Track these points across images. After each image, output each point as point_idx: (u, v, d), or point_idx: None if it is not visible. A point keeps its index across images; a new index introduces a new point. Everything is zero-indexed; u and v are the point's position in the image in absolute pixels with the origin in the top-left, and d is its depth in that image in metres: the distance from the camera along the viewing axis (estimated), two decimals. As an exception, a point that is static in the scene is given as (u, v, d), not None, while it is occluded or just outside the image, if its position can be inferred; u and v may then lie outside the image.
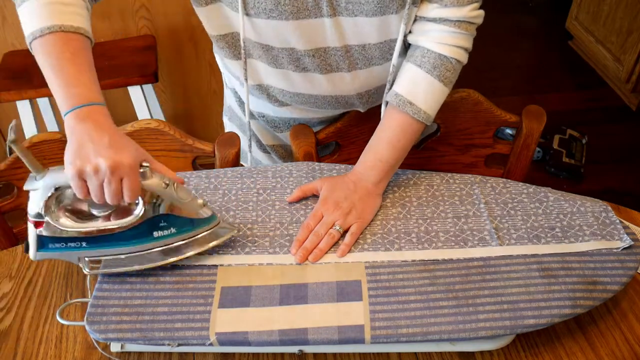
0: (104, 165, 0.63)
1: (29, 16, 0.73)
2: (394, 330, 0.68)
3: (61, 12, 0.73)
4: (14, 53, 1.78)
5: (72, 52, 0.72)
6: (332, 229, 0.80)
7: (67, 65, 0.71)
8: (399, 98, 0.85)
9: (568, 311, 0.71)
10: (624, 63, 2.59)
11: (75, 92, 0.69)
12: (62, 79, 0.70)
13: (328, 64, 0.88)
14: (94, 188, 0.65)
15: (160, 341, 0.68)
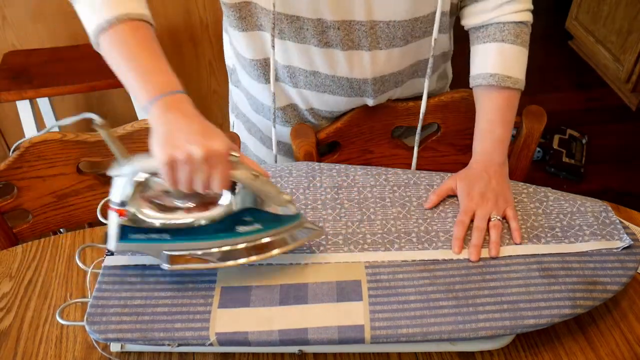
0: (197, 152, 0.61)
1: (90, 10, 0.71)
2: (394, 330, 0.68)
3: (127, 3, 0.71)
4: (14, 53, 1.78)
5: (144, 41, 0.70)
6: (493, 220, 0.81)
7: (142, 54, 0.69)
8: (497, 76, 0.88)
9: (568, 311, 0.71)
10: (624, 63, 2.59)
11: (156, 81, 0.68)
12: (139, 68, 0.68)
13: (350, 39, 0.88)
14: (184, 176, 0.63)
15: (160, 341, 0.68)
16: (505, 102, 0.89)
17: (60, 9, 1.86)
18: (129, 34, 0.70)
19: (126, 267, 0.75)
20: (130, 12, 0.70)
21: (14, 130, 2.12)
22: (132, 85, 0.69)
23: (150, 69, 0.68)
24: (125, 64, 0.69)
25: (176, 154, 0.61)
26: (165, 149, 0.62)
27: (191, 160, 0.61)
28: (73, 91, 1.66)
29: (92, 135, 1.02)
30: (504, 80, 0.88)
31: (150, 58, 0.69)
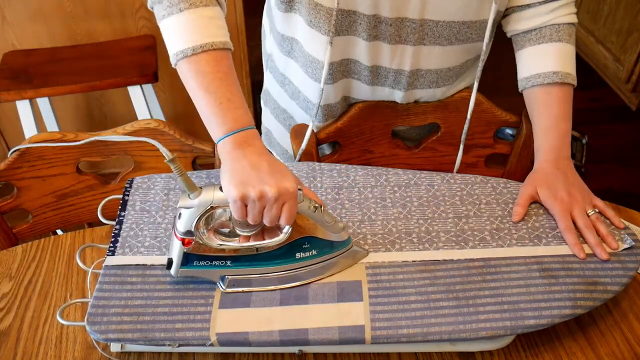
0: (270, 192, 0.65)
1: (175, 32, 0.73)
2: (395, 331, 0.68)
3: (208, 26, 0.72)
4: (14, 53, 1.78)
5: (224, 72, 0.72)
6: (592, 214, 0.82)
7: (221, 87, 0.71)
8: (559, 74, 0.90)
9: (568, 312, 0.71)
10: (624, 63, 2.59)
11: (230, 117, 0.70)
12: (216, 101, 0.70)
13: (399, 34, 0.90)
14: (254, 212, 0.67)
15: (161, 342, 0.68)
16: (567, 97, 0.92)
17: (60, 9, 1.86)
18: (211, 64, 0.71)
19: (127, 267, 0.75)
20: (215, 40, 0.72)
21: (14, 130, 2.12)
22: (206, 117, 0.71)
23: (226, 104, 0.71)
24: (202, 94, 0.71)
25: (249, 192, 0.65)
26: (238, 187, 0.65)
27: (264, 198, 0.65)
28: (73, 91, 1.66)
29: (92, 135, 1.02)
30: (565, 77, 0.91)
31: (227, 92, 0.71)
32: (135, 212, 0.83)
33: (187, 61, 0.72)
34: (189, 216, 0.68)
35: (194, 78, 0.72)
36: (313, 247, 0.73)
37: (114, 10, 1.90)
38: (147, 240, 0.79)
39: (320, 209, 0.71)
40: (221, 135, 0.70)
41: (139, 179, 0.89)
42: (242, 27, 2.01)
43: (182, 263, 0.71)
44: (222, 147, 0.70)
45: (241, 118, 0.71)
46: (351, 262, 0.76)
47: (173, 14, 0.72)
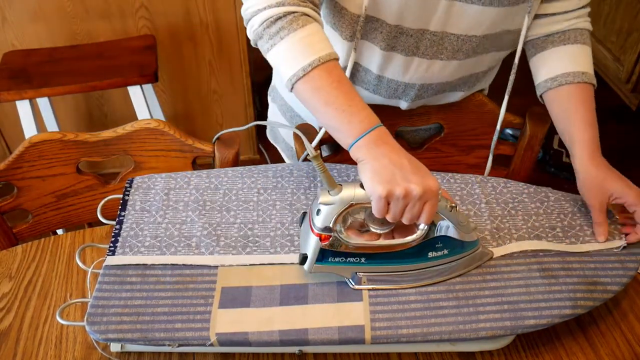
0: (416, 190, 0.66)
1: (283, 60, 0.76)
2: (395, 331, 0.68)
3: (311, 44, 0.75)
4: (14, 53, 1.78)
5: (337, 81, 0.74)
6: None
7: (340, 95, 0.73)
8: (587, 75, 0.91)
9: (568, 311, 0.71)
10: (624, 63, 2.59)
11: (359, 119, 0.72)
12: (338, 110, 0.72)
13: (417, 46, 0.90)
14: (396, 210, 0.68)
15: (161, 342, 0.68)
16: (592, 97, 0.92)
17: (60, 9, 1.86)
18: (323, 78, 0.74)
19: (127, 267, 0.75)
20: (321, 55, 0.74)
21: (14, 130, 2.12)
22: (334, 128, 0.74)
23: (349, 109, 0.72)
24: (323, 109, 0.74)
25: (395, 190, 0.66)
26: (383, 185, 0.66)
27: (408, 196, 0.66)
28: (73, 91, 1.66)
29: (92, 135, 1.02)
30: (592, 78, 0.92)
31: (346, 98, 0.73)
32: (135, 212, 0.83)
33: (301, 82, 0.74)
34: (328, 212, 0.69)
35: (312, 96, 0.75)
36: (445, 246, 0.73)
37: (114, 10, 1.90)
38: (147, 240, 0.79)
39: (455, 208, 0.71)
40: (353, 140, 0.71)
41: (139, 178, 0.89)
42: (242, 27, 2.01)
43: (318, 259, 0.71)
44: (357, 150, 0.71)
45: (368, 118, 0.72)
46: (477, 263, 0.76)
47: (276, 44, 0.75)
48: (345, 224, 0.73)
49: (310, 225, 0.71)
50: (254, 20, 0.77)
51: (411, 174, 0.67)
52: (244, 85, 2.17)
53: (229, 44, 2.06)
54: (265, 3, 0.75)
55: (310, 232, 0.71)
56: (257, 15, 0.76)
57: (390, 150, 0.70)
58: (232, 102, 2.22)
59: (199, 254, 0.77)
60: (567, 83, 0.91)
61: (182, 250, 0.78)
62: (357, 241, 0.72)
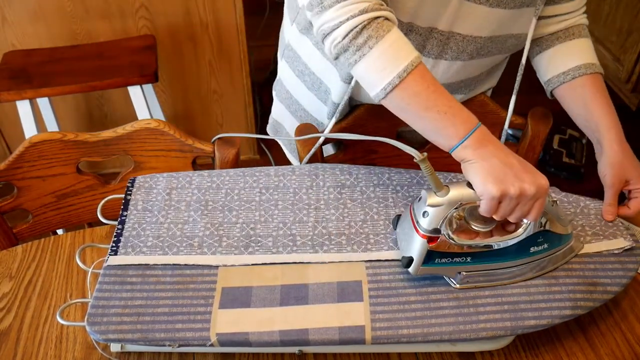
0: (530, 190, 0.66)
1: (374, 69, 0.73)
2: (395, 331, 0.68)
3: (400, 48, 0.73)
4: (14, 53, 1.78)
5: (433, 84, 0.73)
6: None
7: (439, 98, 0.72)
8: (596, 65, 0.93)
9: (568, 312, 0.71)
10: (624, 63, 2.59)
11: (461, 120, 0.71)
12: (439, 113, 0.72)
13: (423, 45, 0.90)
14: (507, 209, 0.68)
15: (161, 342, 0.68)
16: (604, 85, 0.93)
17: (60, 9, 1.86)
18: (419, 82, 0.72)
19: (127, 268, 0.75)
20: (412, 59, 0.72)
21: (14, 130, 2.12)
22: (433, 132, 0.73)
23: (451, 111, 0.72)
24: (423, 114, 0.73)
25: (509, 189, 0.66)
26: (497, 184, 0.67)
27: (522, 196, 0.67)
28: (73, 91, 1.66)
29: (92, 135, 1.02)
30: (600, 69, 0.93)
31: (445, 99, 0.72)
32: (137, 212, 0.83)
33: (398, 90, 0.73)
34: (437, 214, 0.69)
35: (411, 102, 0.73)
36: (546, 241, 0.74)
37: (114, 10, 1.89)
38: (149, 240, 0.79)
39: (556, 203, 0.72)
40: (458, 142, 0.71)
41: (141, 178, 0.89)
42: (242, 27, 2.01)
43: (424, 262, 0.72)
44: (463, 150, 0.70)
45: (469, 118, 0.72)
46: (572, 255, 0.77)
47: (365, 54, 0.73)
48: (452, 225, 0.73)
49: (416, 227, 0.71)
50: (336, 33, 0.73)
51: (523, 173, 0.67)
52: (244, 85, 2.17)
53: (229, 44, 2.06)
54: (347, 14, 0.72)
55: (414, 235, 0.71)
56: (339, 28, 0.73)
57: (497, 148, 0.70)
58: (232, 102, 2.21)
59: (201, 254, 0.77)
60: (580, 75, 0.92)
61: (184, 250, 0.78)
62: (465, 241, 0.72)
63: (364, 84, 0.77)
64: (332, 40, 0.75)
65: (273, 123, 1.20)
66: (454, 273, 0.73)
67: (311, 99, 1.06)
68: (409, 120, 0.76)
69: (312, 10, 0.75)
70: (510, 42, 0.93)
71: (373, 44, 0.72)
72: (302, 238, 0.80)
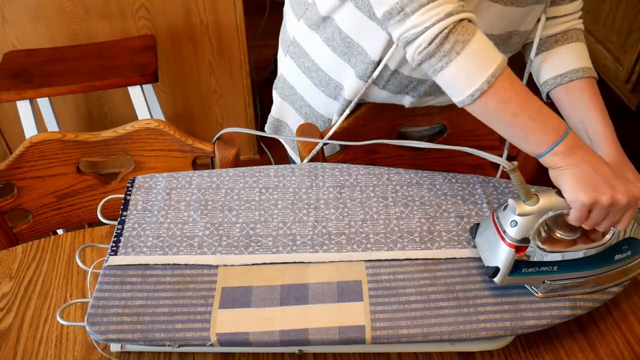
0: (623, 200, 0.65)
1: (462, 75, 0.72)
2: (395, 331, 0.68)
3: (487, 52, 0.72)
4: (14, 53, 1.78)
5: (521, 87, 0.72)
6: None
7: (527, 104, 0.71)
8: (591, 70, 0.92)
9: (568, 312, 0.71)
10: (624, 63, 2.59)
11: (551, 127, 0.70)
12: (530, 119, 0.71)
13: None
14: (598, 218, 0.67)
15: (161, 342, 0.68)
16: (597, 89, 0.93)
17: (60, 9, 1.86)
18: (506, 87, 0.71)
19: (127, 268, 0.75)
20: (498, 63, 0.71)
21: (14, 130, 2.12)
22: (522, 138, 0.72)
23: (540, 117, 0.71)
24: (511, 119, 0.71)
25: (601, 198, 0.65)
26: (588, 193, 0.66)
27: (614, 205, 0.66)
28: (73, 91, 1.66)
29: (92, 135, 1.02)
30: (594, 73, 0.93)
31: (534, 105, 0.71)
32: (137, 212, 0.83)
33: (486, 95, 0.71)
34: (527, 223, 0.68)
35: (499, 109, 0.71)
36: (630, 248, 0.73)
37: (114, 10, 1.90)
38: (149, 240, 0.79)
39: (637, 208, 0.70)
40: (547, 148, 0.70)
41: (141, 178, 0.89)
42: (242, 27, 2.01)
43: (512, 272, 0.71)
44: (552, 157, 0.70)
45: (559, 124, 0.71)
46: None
47: (452, 60, 0.71)
48: (540, 234, 0.72)
49: (502, 237, 0.70)
50: (421, 39, 0.71)
51: (616, 181, 0.66)
52: (244, 85, 2.17)
53: (229, 44, 2.06)
54: (433, 17, 0.70)
55: (501, 244, 0.70)
56: (425, 34, 0.71)
57: (588, 154, 0.69)
58: (232, 102, 2.22)
59: (201, 254, 0.77)
60: (577, 78, 0.93)
61: (184, 250, 0.78)
62: (552, 250, 0.71)
63: (449, 89, 0.74)
64: (416, 47, 0.72)
65: (273, 122, 1.20)
66: (539, 282, 0.72)
67: (318, 95, 1.05)
68: (495, 126, 0.74)
69: (391, 19, 0.73)
70: (515, 40, 0.94)
71: (460, 49, 0.70)
72: (302, 238, 0.80)
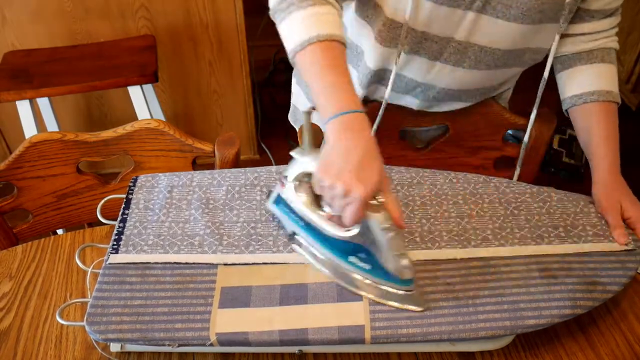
0: (339, 189, 0.65)
1: (288, 33, 0.79)
2: (394, 331, 0.68)
3: (316, 22, 0.77)
4: (14, 53, 1.78)
5: (332, 60, 0.75)
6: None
7: (328, 73, 0.74)
8: (611, 94, 0.93)
9: (568, 311, 0.71)
10: (624, 63, 2.59)
11: (338, 98, 0.72)
12: (323, 86, 0.73)
13: (440, 52, 0.92)
14: (326, 196, 0.69)
15: (161, 342, 0.68)
16: (615, 116, 0.95)
17: (60, 9, 1.86)
18: (318, 54, 0.75)
19: (126, 267, 0.75)
20: (321, 33, 0.75)
21: (14, 130, 2.12)
22: (318, 102, 0.74)
23: (332, 88, 0.73)
24: (314, 81, 0.75)
25: (324, 179, 0.67)
26: (321, 170, 0.68)
27: (333, 191, 0.66)
28: (73, 91, 1.66)
29: (92, 135, 1.02)
30: (616, 97, 0.94)
31: (335, 76, 0.74)
32: (139, 211, 0.83)
33: (299, 55, 0.76)
34: (292, 167, 0.75)
35: (306, 70, 0.77)
36: (368, 261, 0.71)
37: (114, 10, 1.90)
38: (150, 238, 0.79)
39: (392, 232, 0.67)
40: (327, 118, 0.71)
41: (143, 177, 0.89)
42: (242, 27, 2.01)
43: (274, 201, 0.79)
44: (328, 128, 0.71)
45: (349, 101, 0.72)
46: (399, 305, 0.71)
47: (284, 18, 0.79)
48: (302, 185, 0.75)
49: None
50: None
51: (347, 171, 0.65)
52: (244, 85, 2.17)
53: (229, 44, 2.06)
54: None
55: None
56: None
57: (353, 137, 0.68)
58: (232, 102, 2.22)
59: (202, 253, 0.77)
60: (591, 101, 0.93)
61: (185, 249, 0.78)
62: (300, 204, 0.75)
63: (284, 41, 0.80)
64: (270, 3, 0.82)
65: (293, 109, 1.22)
66: (291, 229, 0.77)
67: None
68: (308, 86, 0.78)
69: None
70: (528, 56, 0.94)
71: (292, 10, 0.78)
72: (302, 238, 0.80)
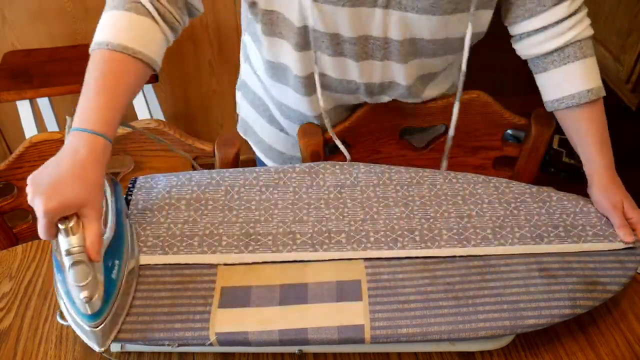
0: (29, 197, 0.66)
1: (99, 27, 0.78)
2: (394, 330, 0.68)
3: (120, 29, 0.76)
4: (14, 53, 1.78)
5: (105, 72, 0.75)
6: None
7: (93, 85, 0.74)
8: (592, 91, 0.89)
9: (568, 311, 0.71)
10: (624, 63, 2.58)
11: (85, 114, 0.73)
12: (83, 95, 0.74)
13: (364, 51, 0.90)
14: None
15: (160, 341, 0.68)
16: (602, 110, 0.91)
17: (60, 9, 1.86)
18: (97, 62, 0.75)
19: (126, 267, 0.75)
20: (111, 41, 0.75)
21: (14, 130, 2.12)
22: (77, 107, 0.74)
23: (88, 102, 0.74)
24: (84, 86, 0.75)
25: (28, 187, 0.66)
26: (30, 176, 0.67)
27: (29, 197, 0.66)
28: (73, 91, 1.66)
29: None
30: (599, 91, 0.90)
31: (96, 91, 0.74)
32: (137, 212, 0.83)
33: (91, 53, 0.77)
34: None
35: (87, 70, 0.76)
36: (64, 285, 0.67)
37: (114, 10, 1.90)
38: (149, 239, 0.79)
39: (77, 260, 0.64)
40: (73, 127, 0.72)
41: (142, 178, 0.89)
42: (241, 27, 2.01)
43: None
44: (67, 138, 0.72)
45: (90, 120, 0.72)
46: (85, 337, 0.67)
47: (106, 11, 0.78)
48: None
49: None
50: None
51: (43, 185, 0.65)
52: (242, 86, 2.17)
53: (229, 44, 2.06)
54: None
55: None
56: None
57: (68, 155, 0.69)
58: (232, 102, 2.20)
59: (201, 253, 0.77)
60: (573, 105, 0.91)
61: (184, 250, 0.78)
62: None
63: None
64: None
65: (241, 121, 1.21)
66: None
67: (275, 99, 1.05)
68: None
69: None
70: (456, 44, 0.90)
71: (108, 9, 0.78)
72: (302, 236, 0.80)
